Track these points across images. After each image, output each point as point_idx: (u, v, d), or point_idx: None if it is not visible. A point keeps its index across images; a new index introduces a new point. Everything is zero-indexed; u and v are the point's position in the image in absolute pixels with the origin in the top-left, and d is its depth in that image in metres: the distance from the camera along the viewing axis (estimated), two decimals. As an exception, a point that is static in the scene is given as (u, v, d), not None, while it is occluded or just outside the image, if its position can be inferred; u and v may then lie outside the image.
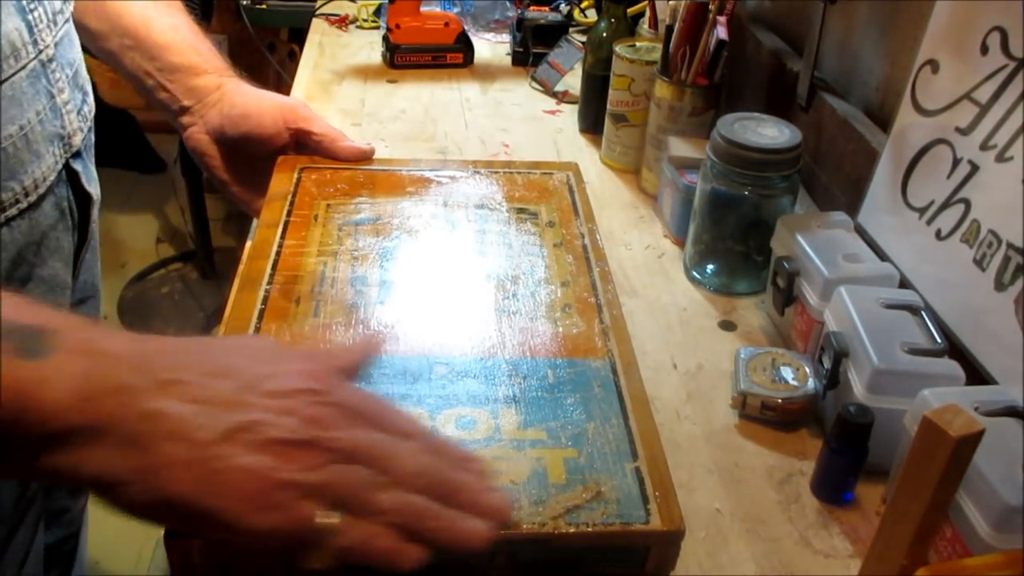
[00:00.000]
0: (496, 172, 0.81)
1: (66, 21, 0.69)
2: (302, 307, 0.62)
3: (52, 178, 0.66)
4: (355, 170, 0.80)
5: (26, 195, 0.63)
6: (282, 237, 0.69)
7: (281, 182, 0.77)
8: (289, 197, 0.75)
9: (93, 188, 0.75)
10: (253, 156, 0.82)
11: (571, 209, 0.76)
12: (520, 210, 0.75)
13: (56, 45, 0.66)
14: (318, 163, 0.81)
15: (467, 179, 0.80)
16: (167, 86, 0.80)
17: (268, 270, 0.66)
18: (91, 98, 0.75)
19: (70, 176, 0.70)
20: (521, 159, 0.89)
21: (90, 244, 0.77)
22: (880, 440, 0.61)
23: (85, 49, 0.77)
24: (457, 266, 0.68)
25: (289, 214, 0.72)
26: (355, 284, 0.65)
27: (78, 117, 0.71)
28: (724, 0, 0.93)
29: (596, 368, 0.58)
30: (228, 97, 0.80)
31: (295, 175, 0.78)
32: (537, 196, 0.78)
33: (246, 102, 0.80)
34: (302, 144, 0.83)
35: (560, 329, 0.62)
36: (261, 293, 0.63)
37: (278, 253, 0.68)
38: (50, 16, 0.65)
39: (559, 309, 0.64)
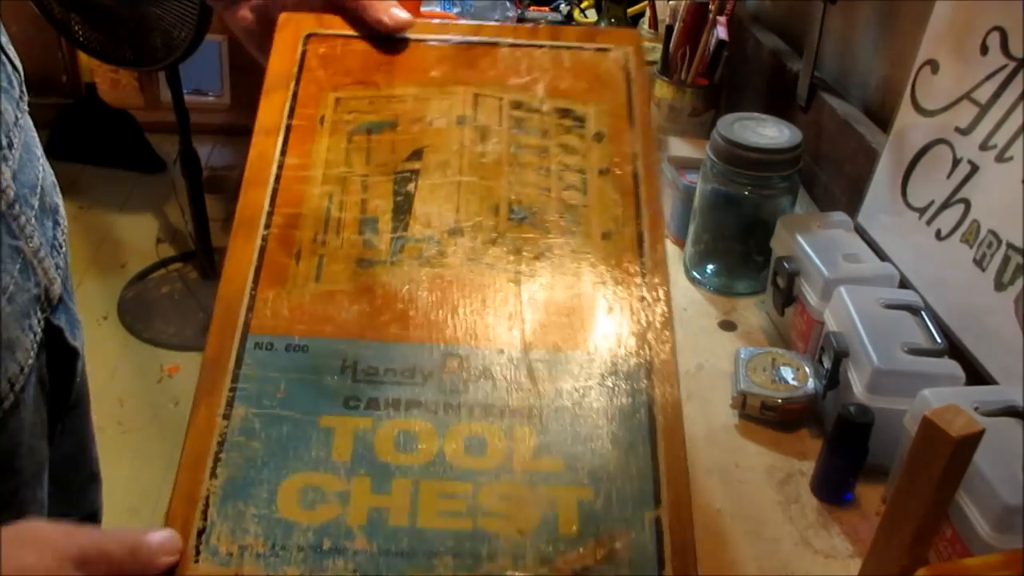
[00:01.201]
0: (542, 46, 0.65)
1: (21, 130, 0.61)
2: (303, 265, 0.54)
3: (31, 363, 0.58)
4: (368, 40, 0.65)
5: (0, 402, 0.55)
6: (282, 153, 0.58)
7: (283, 56, 0.64)
8: (292, 85, 0.62)
9: (79, 340, 0.67)
10: None
11: (626, 113, 0.61)
12: (564, 113, 0.60)
13: (15, 177, 0.57)
14: (326, 26, 0.66)
15: (506, 55, 0.64)
16: None
17: (266, 205, 0.56)
18: (63, 209, 0.65)
19: (50, 337, 0.62)
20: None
21: (79, 409, 0.68)
22: (880, 440, 0.61)
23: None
24: (482, 203, 0.57)
25: (291, 114, 0.60)
26: (364, 231, 0.55)
27: (53, 255, 0.62)
28: (724, 0, 0.94)
29: (630, 369, 0.49)
30: None
31: (300, 47, 0.64)
32: (586, 89, 0.62)
33: None
34: (341, 9, 0.68)
35: (594, 307, 0.52)
36: (258, 241, 0.55)
37: (278, 178, 0.57)
38: (5, 139, 0.57)
39: (595, 279, 0.54)
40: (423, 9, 1.52)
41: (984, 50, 0.67)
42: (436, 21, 0.77)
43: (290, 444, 0.46)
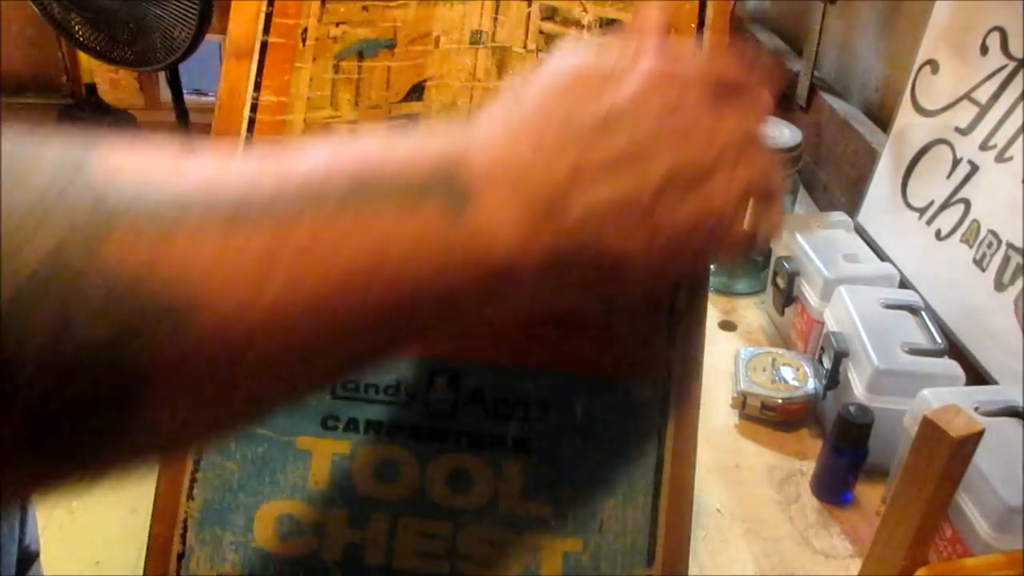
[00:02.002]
0: None
1: None
2: None
3: None
4: None
5: None
6: (256, 88, 0.47)
7: None
8: None
9: (37, 545, 0.66)
10: None
11: (692, 32, 0.45)
12: (611, 27, 0.46)
13: None
14: None
15: None
16: None
17: (248, 144, 0.47)
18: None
19: None
20: None
21: None
22: (880, 440, 0.61)
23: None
24: None
25: (267, 28, 0.48)
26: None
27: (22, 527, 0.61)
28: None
29: (644, 401, 0.43)
30: None
31: None
32: None
33: None
34: None
35: (612, 318, 0.44)
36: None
37: (252, 123, 0.47)
38: None
39: None
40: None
41: (984, 50, 0.67)
42: None
43: (266, 467, 0.44)
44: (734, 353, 0.73)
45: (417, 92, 0.47)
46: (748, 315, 0.84)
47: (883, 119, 0.85)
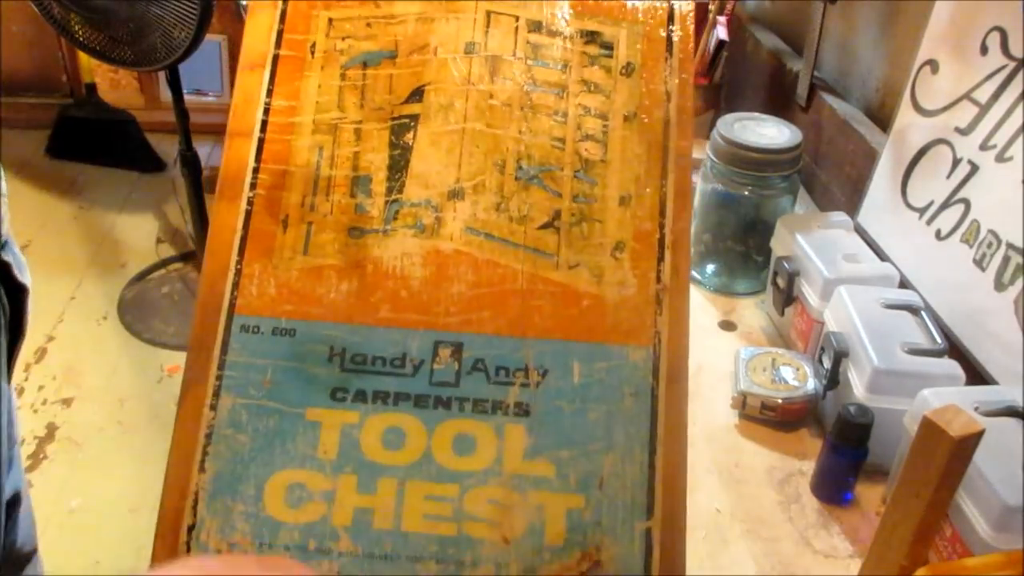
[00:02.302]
0: None
1: None
2: (290, 235, 0.49)
3: None
4: None
5: None
6: (269, 94, 0.52)
7: None
8: (280, 3, 0.53)
9: (26, 277, 0.68)
10: None
11: (663, 40, 0.52)
12: (590, 37, 0.52)
13: None
14: None
15: None
16: None
17: (251, 160, 0.51)
18: (2, 173, 0.66)
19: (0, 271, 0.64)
20: None
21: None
22: (880, 440, 0.61)
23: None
24: (488, 156, 0.50)
25: (279, 41, 0.52)
26: (356, 192, 0.50)
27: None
28: (724, 0, 0.94)
29: (635, 364, 0.45)
30: None
31: None
32: (618, 10, 0.52)
33: None
34: None
35: (603, 288, 0.47)
36: (243, 205, 0.50)
37: (264, 125, 0.51)
38: None
39: (608, 251, 0.48)
40: None
41: (984, 50, 0.67)
42: None
43: (276, 438, 0.45)
44: (734, 353, 0.73)
45: (417, 95, 0.51)
46: (748, 315, 0.84)
47: (883, 119, 0.85)
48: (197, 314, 0.49)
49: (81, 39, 1.86)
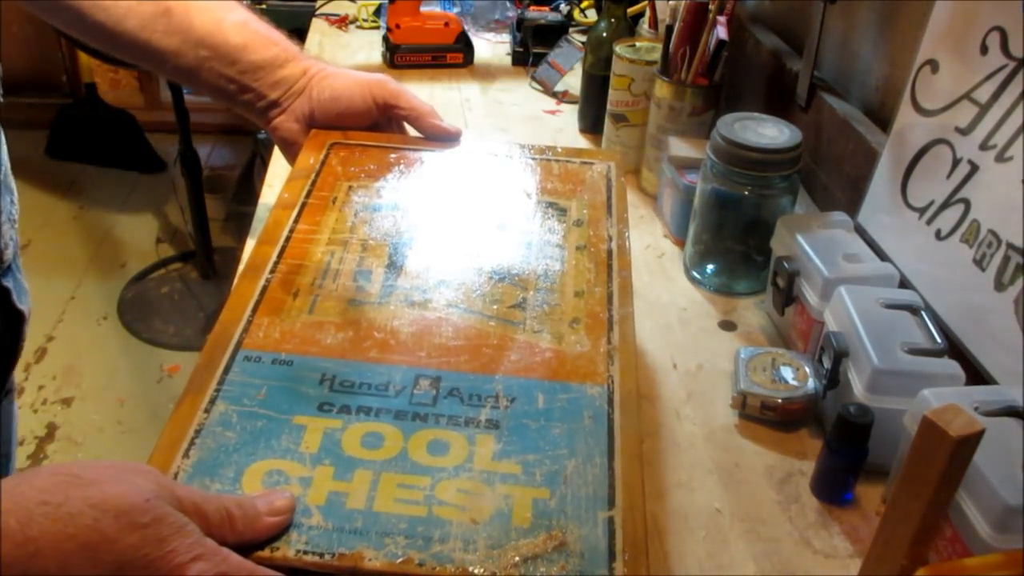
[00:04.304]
0: (535, 158, 0.76)
1: None
2: (299, 301, 0.59)
3: None
4: (386, 148, 0.76)
5: None
6: (295, 221, 0.66)
7: (307, 159, 0.74)
8: (312, 176, 0.71)
9: (25, 303, 0.68)
10: None
11: (604, 206, 0.70)
12: (550, 204, 0.70)
13: None
14: (350, 138, 0.77)
15: (503, 162, 0.75)
16: (251, 86, 0.75)
17: (274, 257, 0.63)
18: (15, 194, 0.68)
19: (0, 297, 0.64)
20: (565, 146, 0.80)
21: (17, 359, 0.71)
22: (880, 440, 0.61)
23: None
24: (469, 267, 0.64)
25: (308, 195, 0.69)
26: (358, 279, 0.61)
27: (8, 226, 0.64)
28: (724, 0, 0.93)
29: (591, 396, 0.53)
30: (316, 82, 0.77)
31: (323, 152, 0.75)
32: (571, 189, 0.72)
33: (335, 84, 0.77)
34: (391, 119, 0.81)
35: (563, 346, 0.56)
36: (261, 282, 0.60)
37: (288, 239, 0.65)
38: None
39: (566, 323, 0.58)
40: (423, 9, 1.52)
41: (984, 50, 0.67)
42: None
43: (262, 436, 0.49)
44: (734, 353, 0.73)
45: (416, 227, 0.67)
46: (748, 315, 0.84)
47: (883, 119, 0.85)
48: (206, 350, 0.55)
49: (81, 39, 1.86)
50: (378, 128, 0.80)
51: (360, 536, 0.44)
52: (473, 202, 0.71)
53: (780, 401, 0.68)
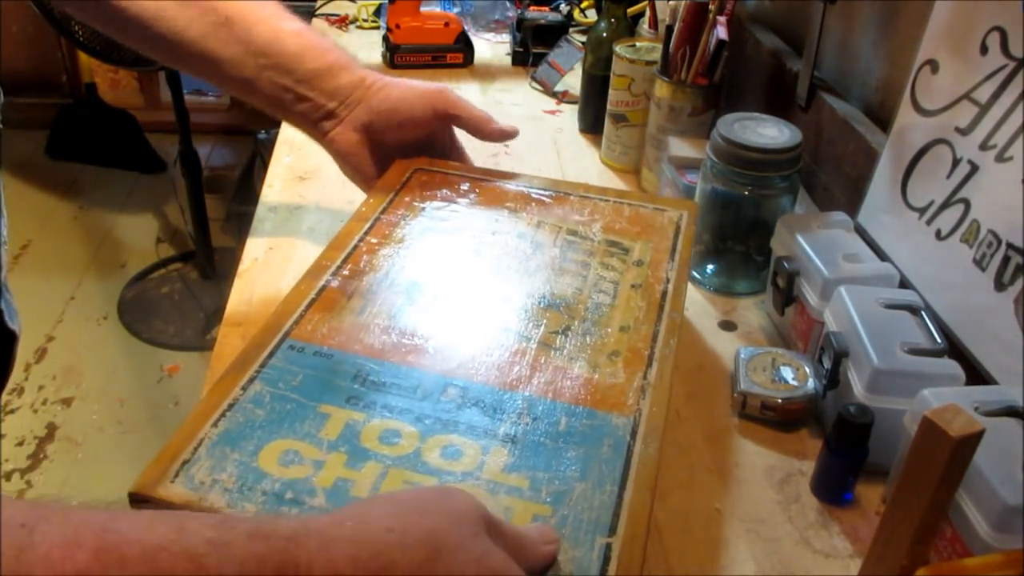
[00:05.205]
0: (607, 200, 0.77)
1: None
2: (352, 303, 0.62)
3: None
4: (464, 176, 0.79)
5: None
6: (366, 232, 0.70)
7: (392, 177, 0.77)
8: (391, 195, 0.75)
9: (15, 324, 0.69)
10: (402, 146, 0.80)
11: (668, 250, 0.70)
12: (613, 243, 0.70)
13: None
14: (435, 166, 0.80)
15: (574, 202, 0.76)
16: (308, 95, 0.75)
17: (338, 261, 0.66)
18: (5, 216, 0.68)
19: None
20: (569, 178, 0.83)
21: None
22: (880, 440, 0.61)
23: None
24: (520, 290, 0.65)
25: (383, 211, 0.73)
26: (411, 290, 0.64)
27: (1, 249, 0.64)
28: (724, 0, 0.94)
29: (615, 425, 0.53)
30: (374, 91, 0.77)
31: (408, 173, 0.78)
32: (638, 231, 0.72)
33: (394, 93, 0.77)
34: (445, 128, 0.81)
35: (596, 376, 0.57)
36: (321, 283, 0.63)
37: (355, 247, 0.68)
38: None
39: (605, 355, 0.59)
40: (423, 9, 1.52)
41: (984, 50, 0.67)
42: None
43: (288, 418, 0.52)
44: (734, 353, 0.73)
45: (477, 251, 0.69)
46: (748, 315, 0.84)
47: (883, 119, 0.85)
48: (256, 335, 0.58)
49: (81, 39, 1.86)
50: (434, 136, 0.81)
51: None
52: (537, 234, 0.71)
53: (780, 401, 0.68)
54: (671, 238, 0.72)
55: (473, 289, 0.65)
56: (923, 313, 0.66)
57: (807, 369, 0.70)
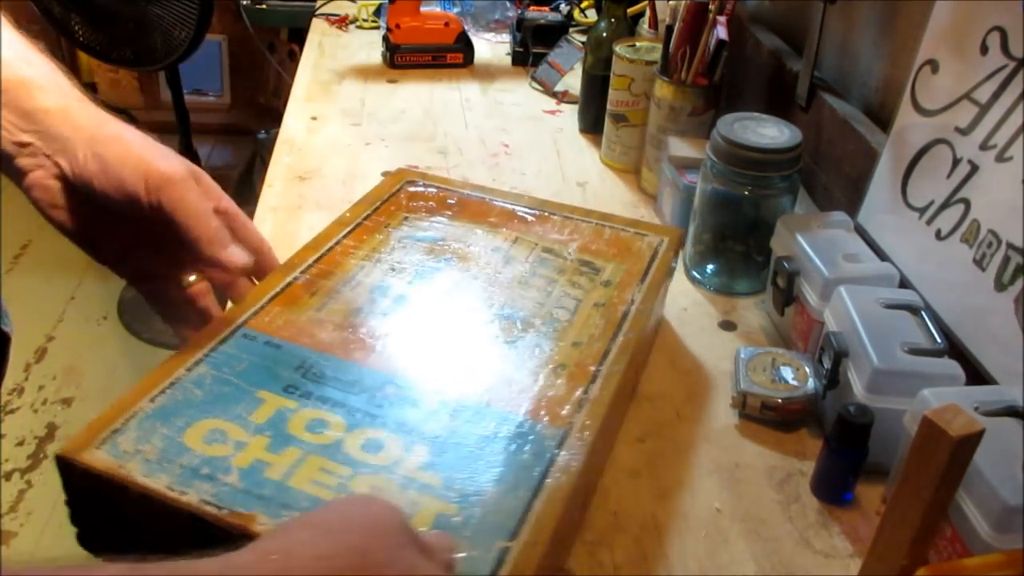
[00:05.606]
0: (589, 222, 0.77)
1: None
2: (313, 299, 0.63)
3: None
4: (454, 191, 0.80)
5: None
6: (344, 236, 0.72)
7: (382, 188, 0.80)
8: (377, 204, 0.77)
9: (8, 326, 0.67)
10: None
11: (640, 273, 0.70)
12: (585, 263, 0.71)
13: None
14: (428, 179, 0.82)
15: (556, 222, 0.77)
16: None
17: (310, 260, 0.67)
18: None
19: None
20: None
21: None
22: (880, 440, 0.61)
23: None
24: (480, 300, 0.66)
25: (367, 217, 0.75)
26: (374, 292, 0.65)
27: None
28: (724, 0, 0.93)
29: (544, 435, 0.53)
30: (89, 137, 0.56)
31: (397, 184, 0.80)
32: (614, 253, 0.73)
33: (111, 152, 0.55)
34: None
35: (537, 386, 0.57)
36: (288, 279, 0.65)
37: (330, 249, 0.70)
38: None
39: (551, 367, 0.59)
40: (423, 9, 1.52)
41: (984, 50, 0.67)
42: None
43: (223, 400, 0.54)
44: (734, 353, 0.73)
45: (448, 261, 0.71)
46: (748, 315, 0.84)
47: (883, 119, 0.85)
48: (214, 323, 0.60)
49: (81, 39, 1.86)
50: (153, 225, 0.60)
51: (262, 502, 0.47)
52: (512, 249, 0.73)
53: (780, 401, 0.68)
54: (646, 261, 0.72)
55: (435, 296, 0.66)
56: (923, 313, 0.66)
57: (807, 369, 0.70)
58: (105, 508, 0.50)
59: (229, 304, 0.64)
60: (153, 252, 0.59)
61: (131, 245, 0.60)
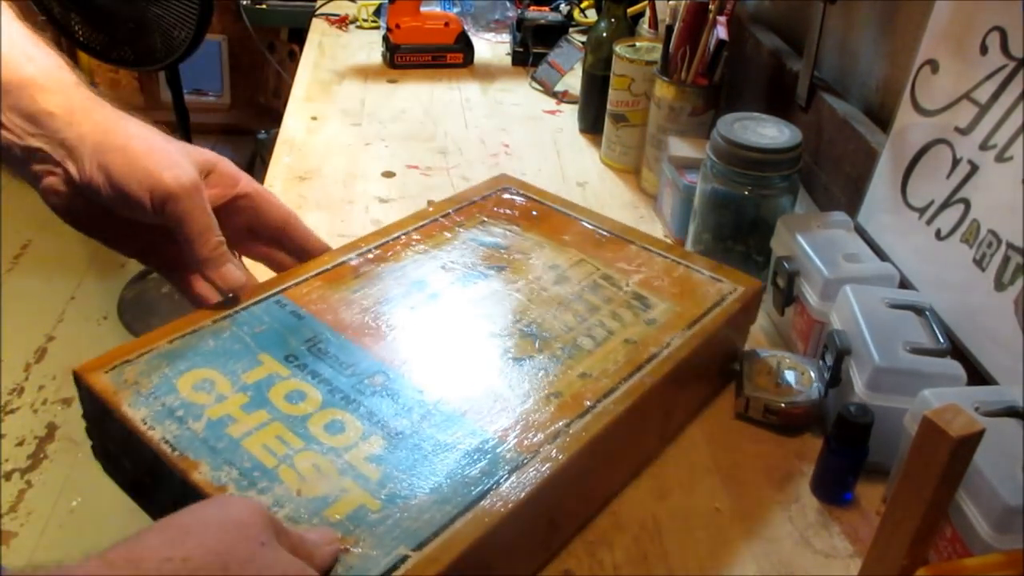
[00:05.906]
0: (666, 256, 0.72)
1: None
2: (355, 282, 0.65)
3: None
4: (541, 204, 0.79)
5: None
6: (417, 228, 0.73)
7: (474, 190, 0.81)
8: (462, 204, 0.78)
9: None
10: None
11: (691, 319, 0.65)
12: (638, 297, 0.67)
13: None
14: (525, 189, 0.82)
15: (629, 250, 0.73)
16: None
17: (373, 244, 0.69)
18: None
19: None
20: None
21: None
22: (880, 440, 0.61)
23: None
24: (509, 313, 0.64)
25: (446, 215, 0.75)
26: (413, 285, 0.66)
27: None
28: (724, 0, 0.94)
29: (503, 457, 0.51)
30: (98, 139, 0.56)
31: (492, 189, 0.81)
32: (675, 293, 0.68)
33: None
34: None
35: (520, 410, 0.55)
36: (341, 259, 0.67)
37: (395, 238, 0.71)
38: None
39: (545, 393, 0.57)
40: (423, 9, 1.53)
41: (984, 50, 0.67)
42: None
43: (228, 355, 0.56)
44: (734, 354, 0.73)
45: (500, 269, 0.70)
46: (748, 315, 0.84)
47: (883, 119, 0.85)
48: (255, 286, 0.63)
49: (81, 39, 1.86)
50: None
51: (212, 454, 0.49)
52: (570, 270, 0.70)
53: (783, 405, 0.68)
54: (704, 308, 0.66)
55: (467, 300, 0.65)
56: (927, 313, 0.66)
57: (812, 373, 0.70)
58: (104, 427, 0.54)
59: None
60: (176, 245, 0.59)
61: (152, 240, 0.62)
